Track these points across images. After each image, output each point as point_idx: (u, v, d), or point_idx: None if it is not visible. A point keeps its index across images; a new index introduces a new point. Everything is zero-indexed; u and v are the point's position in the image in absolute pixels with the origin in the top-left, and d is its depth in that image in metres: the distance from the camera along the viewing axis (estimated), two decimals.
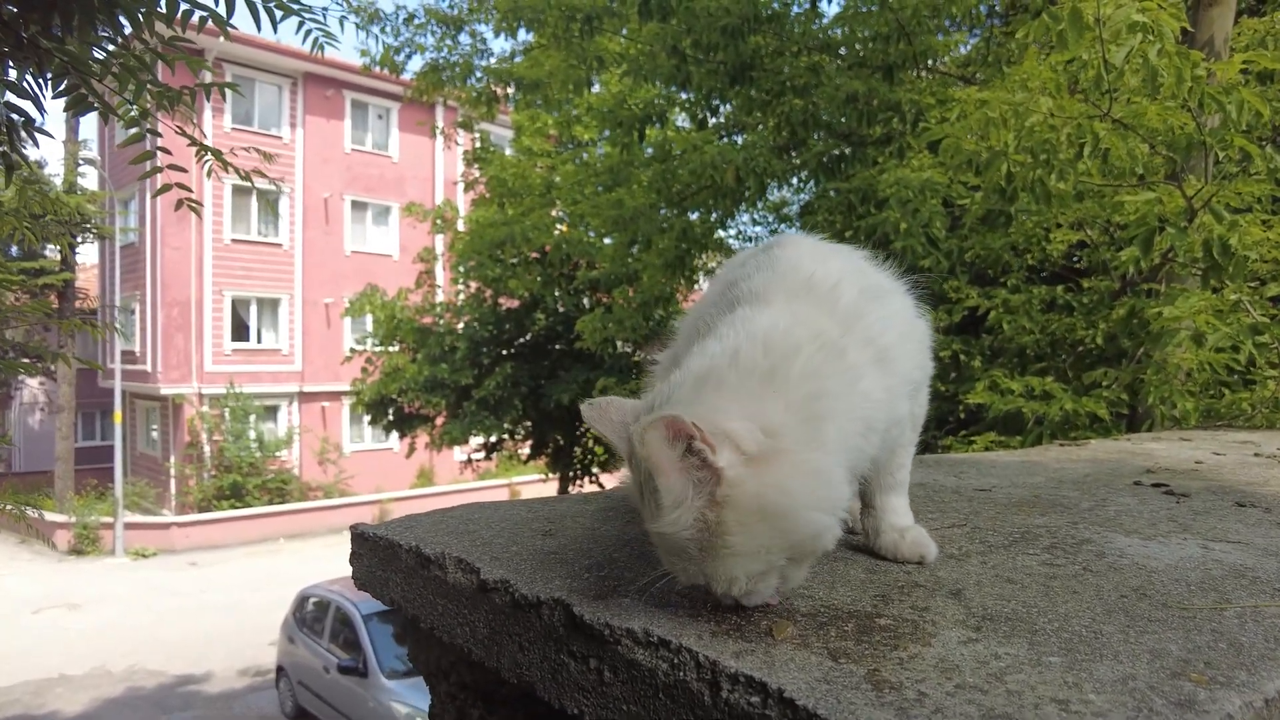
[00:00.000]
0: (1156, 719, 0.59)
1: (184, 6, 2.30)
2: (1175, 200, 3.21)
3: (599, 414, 0.85)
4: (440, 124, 14.80)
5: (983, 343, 5.13)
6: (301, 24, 2.71)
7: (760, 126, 6.72)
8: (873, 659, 0.69)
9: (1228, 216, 3.11)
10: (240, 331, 21.29)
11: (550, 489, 16.08)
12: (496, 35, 8.01)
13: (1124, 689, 0.63)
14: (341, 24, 8.23)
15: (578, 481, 13.00)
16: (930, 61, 6.03)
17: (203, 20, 2.35)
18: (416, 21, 8.60)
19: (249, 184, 2.38)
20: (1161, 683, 0.65)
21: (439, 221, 13.80)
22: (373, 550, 1.24)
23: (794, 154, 6.57)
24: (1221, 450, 2.19)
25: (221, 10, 2.34)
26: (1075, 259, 5.29)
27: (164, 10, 2.36)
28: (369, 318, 13.25)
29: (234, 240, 20.83)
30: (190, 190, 2.34)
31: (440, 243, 15.05)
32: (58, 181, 18.85)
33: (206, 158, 2.41)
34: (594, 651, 0.79)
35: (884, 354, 0.90)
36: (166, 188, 2.33)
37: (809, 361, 0.80)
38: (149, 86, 2.40)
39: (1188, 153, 3.01)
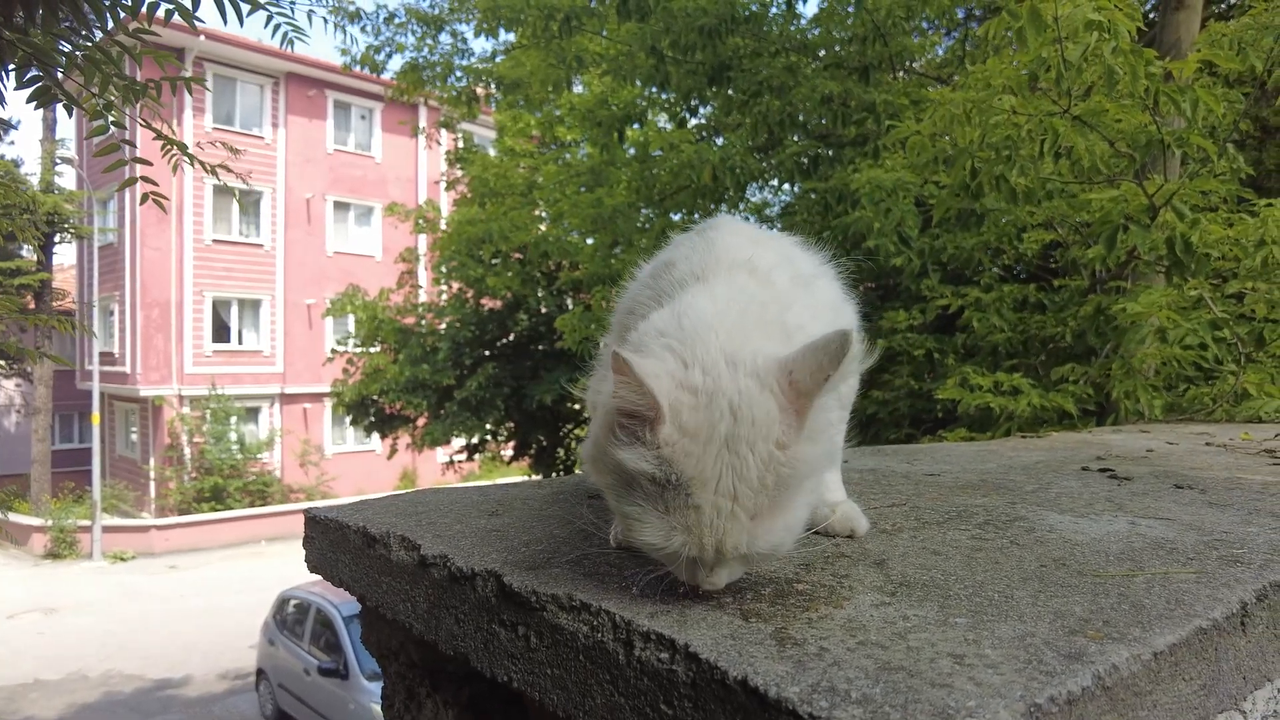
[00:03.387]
0: (1044, 669, 0.61)
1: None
2: (1138, 198, 3.26)
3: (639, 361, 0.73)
4: (423, 124, 14.76)
5: (956, 341, 5.18)
6: (270, 19, 2.71)
7: (739, 127, 6.76)
8: (782, 619, 0.72)
9: (1189, 214, 3.16)
10: (221, 332, 21.14)
11: None
12: (477, 35, 8.01)
13: (1020, 645, 0.66)
14: (310, 18, 8.19)
15: None
16: (906, 63, 6.09)
17: (169, 13, 2.35)
18: (397, 21, 8.59)
19: (215, 179, 2.38)
20: (1058, 639, 0.67)
21: (421, 222, 13.76)
22: (324, 533, 1.26)
23: (771, 155, 6.61)
24: (1176, 440, 2.23)
25: (187, 2, 2.34)
26: (1050, 259, 5.36)
27: (129, 3, 2.36)
28: (351, 318, 13.18)
29: (215, 241, 20.69)
30: (156, 184, 2.34)
31: (423, 243, 15.00)
32: (34, 181, 18.62)
33: (173, 152, 2.40)
34: (522, 619, 0.81)
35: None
36: (131, 181, 2.33)
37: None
38: (114, 80, 2.40)
39: (1148, 151, 3.07)
